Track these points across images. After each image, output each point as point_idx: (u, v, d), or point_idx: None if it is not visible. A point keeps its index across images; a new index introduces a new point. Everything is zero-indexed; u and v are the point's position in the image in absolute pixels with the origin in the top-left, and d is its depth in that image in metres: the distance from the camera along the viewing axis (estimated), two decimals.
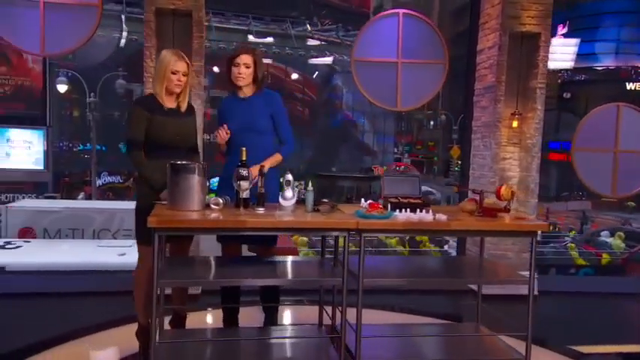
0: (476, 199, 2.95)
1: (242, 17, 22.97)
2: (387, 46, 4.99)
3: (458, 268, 3.19)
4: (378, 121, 23.30)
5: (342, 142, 22.34)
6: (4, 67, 20.73)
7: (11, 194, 19.37)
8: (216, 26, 21.34)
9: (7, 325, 3.71)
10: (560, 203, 24.72)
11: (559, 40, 11.57)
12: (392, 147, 23.91)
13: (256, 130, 3.10)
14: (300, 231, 2.63)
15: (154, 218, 2.36)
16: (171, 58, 2.91)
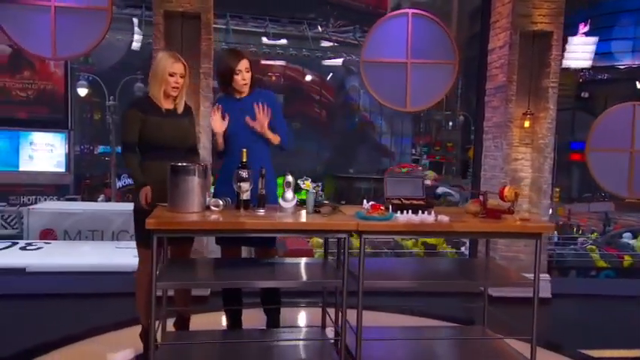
0: (480, 201, 2.91)
1: (260, 20, 23.04)
2: (396, 46, 4.96)
3: (463, 270, 3.14)
4: (396, 122, 23.20)
5: (360, 143, 22.30)
6: (28, 71, 21.12)
7: (34, 196, 19.73)
8: (234, 29, 21.44)
9: (26, 325, 3.80)
10: (582, 204, 24.32)
11: (577, 39, 11.35)
12: (410, 148, 23.77)
13: (253, 130, 3.09)
14: (300, 232, 2.63)
15: (152, 220, 2.37)
16: (168, 60, 2.92)
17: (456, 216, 2.86)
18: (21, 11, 4.41)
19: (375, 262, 3.21)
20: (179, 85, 2.96)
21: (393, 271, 3.01)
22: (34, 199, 19.23)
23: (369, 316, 2.60)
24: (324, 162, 20.99)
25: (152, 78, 2.95)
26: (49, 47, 4.47)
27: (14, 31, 4.42)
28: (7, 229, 14.90)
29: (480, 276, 2.99)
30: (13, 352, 3.23)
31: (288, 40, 20.72)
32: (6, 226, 15.04)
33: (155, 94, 2.94)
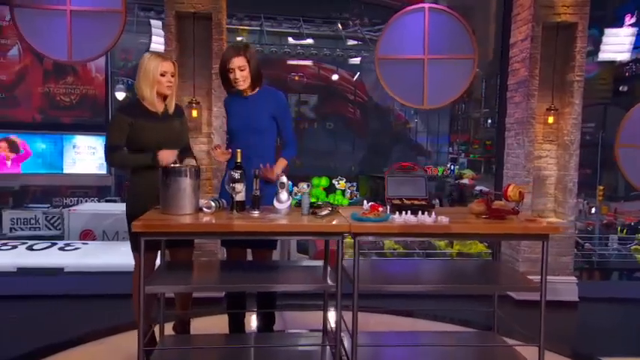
0: (485, 201, 2.77)
1: (294, 20, 23.09)
2: (412, 42, 4.83)
3: (469, 273, 3.00)
4: (432, 121, 22.82)
5: (395, 142, 22.03)
6: (71, 77, 21.78)
7: (77, 198, 20.32)
8: (268, 30, 21.55)
9: (61, 324, 3.90)
10: (629, 203, 23.34)
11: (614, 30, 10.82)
12: (446, 147, 23.34)
13: (256, 130, 3.04)
14: (290, 235, 2.55)
15: (138, 223, 2.35)
16: (156, 60, 2.90)
17: (459, 216, 2.73)
18: (38, 16, 4.50)
19: (380, 264, 3.10)
20: (172, 83, 2.93)
21: (395, 274, 2.90)
22: (76, 200, 19.80)
23: (373, 320, 2.51)
24: (358, 162, 20.83)
25: (142, 81, 2.90)
26: (64, 51, 4.54)
27: (32, 36, 4.52)
28: (51, 230, 15.39)
29: (485, 279, 2.84)
30: (42, 346, 3.38)
31: (315, 40, 20.65)
32: (50, 227, 15.53)
33: (147, 97, 2.91)
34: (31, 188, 20.18)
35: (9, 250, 8.20)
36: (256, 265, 2.95)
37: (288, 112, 3.18)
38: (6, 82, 19.79)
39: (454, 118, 26.84)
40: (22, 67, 18.68)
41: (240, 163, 2.77)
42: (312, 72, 20.47)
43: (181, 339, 2.97)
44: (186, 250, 3.07)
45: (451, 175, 22.42)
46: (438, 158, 23.81)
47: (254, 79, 3.05)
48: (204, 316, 3.58)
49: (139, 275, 2.74)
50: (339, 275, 2.51)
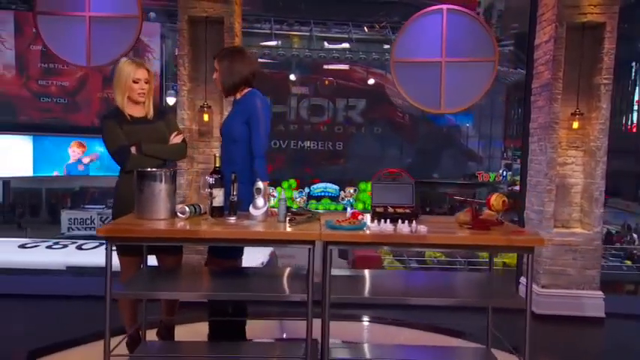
0: (472, 210, 2.62)
1: (344, 25, 23.08)
2: (429, 44, 4.67)
3: (458, 285, 2.85)
4: (485, 125, 22.22)
5: (445, 147, 21.59)
6: None
7: None
8: (317, 35, 21.64)
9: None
10: None
11: None
12: (499, 152, 22.67)
13: (231, 138, 2.98)
14: (257, 242, 2.49)
15: (103, 228, 2.35)
16: (130, 67, 2.91)
17: (442, 226, 2.60)
18: (58, 22, 4.64)
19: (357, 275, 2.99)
20: (145, 90, 2.94)
21: (378, 285, 2.79)
22: None
23: (358, 330, 2.40)
24: (406, 167, 20.54)
25: (116, 87, 2.93)
26: (83, 56, 4.67)
27: (53, 42, 4.67)
28: None
29: (469, 292, 2.68)
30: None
31: (364, 44, 20.53)
32: None
33: (119, 102, 2.93)
34: (89, 190, 21.06)
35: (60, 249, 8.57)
36: (232, 273, 2.89)
37: (259, 118, 2.92)
38: (68, 89, 20.75)
39: (508, 122, 26.12)
40: (83, 74, 19.54)
41: (218, 168, 2.74)
42: (360, 76, 20.38)
43: (158, 346, 2.96)
44: (173, 257, 3.05)
45: (503, 181, 21.78)
46: (490, 164, 23.21)
47: (224, 86, 3.00)
48: (194, 322, 3.55)
49: (124, 279, 2.77)
50: (310, 286, 2.43)
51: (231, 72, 2.96)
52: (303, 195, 18.58)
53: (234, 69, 2.96)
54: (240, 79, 3.00)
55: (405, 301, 2.58)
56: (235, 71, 2.97)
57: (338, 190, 19.02)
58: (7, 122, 18.74)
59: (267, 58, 19.30)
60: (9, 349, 3.45)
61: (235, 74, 2.97)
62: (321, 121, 19.82)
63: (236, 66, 2.97)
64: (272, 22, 19.97)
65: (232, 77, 2.97)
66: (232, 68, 2.96)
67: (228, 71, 2.96)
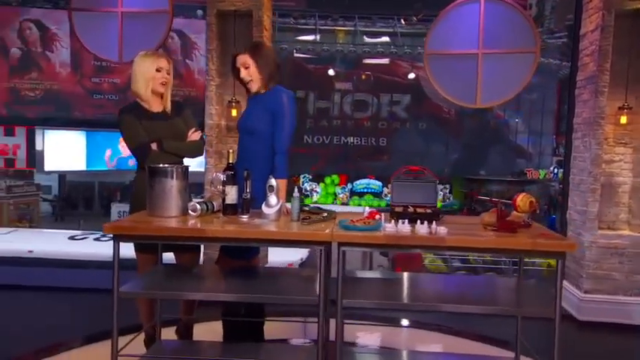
0: (497, 211, 2.44)
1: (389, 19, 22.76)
2: (465, 36, 4.46)
3: (485, 290, 2.66)
4: (535, 120, 21.41)
5: (492, 143, 20.93)
6: (176, 79, 23.12)
7: None
8: (361, 30, 21.41)
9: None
10: None
11: None
12: (550, 148, 21.83)
13: (250, 133, 2.90)
14: (267, 243, 2.39)
15: (109, 225, 2.30)
16: (151, 57, 2.86)
17: (464, 228, 2.43)
18: (92, 18, 4.69)
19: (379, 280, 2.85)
20: (167, 80, 2.88)
21: (395, 290, 2.64)
22: None
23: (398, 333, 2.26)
24: (452, 163, 20.08)
25: (137, 80, 2.88)
26: (115, 51, 4.70)
27: (86, 37, 4.72)
28: None
29: (494, 299, 2.50)
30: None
31: (398, 38, 20.19)
32: None
33: (142, 96, 2.88)
34: None
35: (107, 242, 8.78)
36: (243, 273, 2.79)
37: (285, 114, 2.84)
38: (119, 85, 21.31)
39: (560, 117, 25.10)
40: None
41: (231, 164, 2.66)
42: (404, 70, 20.02)
43: (172, 345, 2.91)
44: (190, 254, 3.00)
45: (554, 178, 20.95)
46: (540, 161, 22.35)
47: (262, 79, 2.89)
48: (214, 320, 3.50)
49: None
50: (322, 288, 2.32)
51: (267, 62, 2.88)
52: (346, 191, 18.44)
53: (269, 58, 2.90)
54: (275, 66, 2.93)
55: (424, 307, 2.42)
56: (270, 60, 2.91)
57: (381, 186, 18.75)
58: (62, 118, 19.43)
59: (311, 53, 19.24)
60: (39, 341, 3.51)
61: (271, 63, 2.90)
62: (364, 116, 19.58)
63: (269, 55, 2.92)
64: (316, 17, 19.87)
65: (269, 66, 2.89)
66: (267, 58, 2.89)
67: (265, 61, 2.88)
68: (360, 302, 2.33)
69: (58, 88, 19.13)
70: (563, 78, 21.53)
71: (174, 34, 14.57)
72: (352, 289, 2.43)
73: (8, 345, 3.49)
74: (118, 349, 2.36)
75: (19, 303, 4.51)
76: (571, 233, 4.49)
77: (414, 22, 19.94)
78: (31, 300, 4.57)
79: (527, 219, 2.32)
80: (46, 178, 20.77)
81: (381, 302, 2.36)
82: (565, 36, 20.71)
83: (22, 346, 3.48)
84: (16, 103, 18.19)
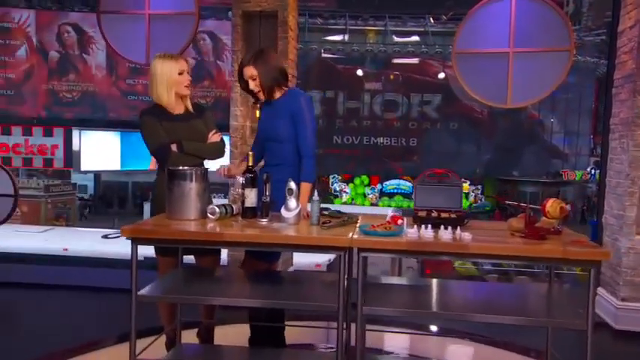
0: (526, 216, 2.33)
1: (420, 19, 22.53)
2: (495, 34, 4.33)
3: (513, 300, 2.56)
4: (571, 120, 20.86)
5: (526, 143, 20.46)
6: (207, 80, 23.39)
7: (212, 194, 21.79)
8: (391, 30, 21.23)
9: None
10: None
11: None
12: (587, 149, 21.23)
13: (275, 139, 2.86)
14: (285, 247, 2.34)
15: (127, 227, 2.29)
16: (170, 61, 2.84)
17: (491, 234, 2.34)
18: (120, 21, 4.73)
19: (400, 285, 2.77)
20: (189, 81, 2.87)
21: (418, 297, 2.56)
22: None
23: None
24: (484, 164, 19.71)
25: (159, 84, 2.86)
26: (143, 53, 4.73)
27: (114, 40, 4.77)
28: None
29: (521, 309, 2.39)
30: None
31: (429, 37, 19.94)
32: None
33: (165, 100, 2.86)
34: None
35: None
36: (264, 277, 2.75)
37: (305, 117, 2.83)
38: None
39: (599, 117, 24.40)
40: None
41: (251, 167, 2.62)
42: (435, 70, 19.76)
43: (191, 349, 2.89)
44: (210, 258, 2.98)
45: (591, 180, 20.36)
46: (577, 161, 21.77)
47: (267, 89, 2.85)
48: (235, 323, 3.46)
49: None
50: (341, 294, 2.26)
51: (270, 69, 2.83)
52: (376, 191, 18.31)
53: (271, 65, 2.85)
54: (279, 72, 2.88)
55: (449, 317, 2.34)
56: (273, 67, 2.85)
57: (411, 187, 18.56)
58: (98, 119, 19.88)
59: (341, 53, 19.17)
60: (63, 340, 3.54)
61: (273, 70, 2.85)
62: (394, 116, 19.41)
63: (271, 62, 2.87)
64: (347, 17, 19.78)
65: (272, 73, 2.84)
66: (270, 65, 2.84)
67: (267, 69, 2.83)
68: (381, 310, 2.26)
69: (94, 90, 19.57)
70: (602, 77, 20.95)
71: (205, 36, 14.71)
72: (375, 295, 2.37)
73: (35, 344, 3.53)
74: (136, 353, 2.35)
75: (52, 302, 4.57)
76: (607, 238, 4.32)
77: (444, 20, 19.68)
78: (64, 299, 4.63)
79: (557, 225, 2.21)
80: (81, 177, 21.29)
81: (404, 310, 2.29)
82: (603, 33, 20.14)
83: (51, 345, 3.50)
84: (55, 105, 18.67)
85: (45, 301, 4.57)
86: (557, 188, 20.37)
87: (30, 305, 4.50)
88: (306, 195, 2.72)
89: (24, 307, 4.49)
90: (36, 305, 4.48)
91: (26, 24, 18.27)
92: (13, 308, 4.49)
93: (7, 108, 17.73)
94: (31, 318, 4.19)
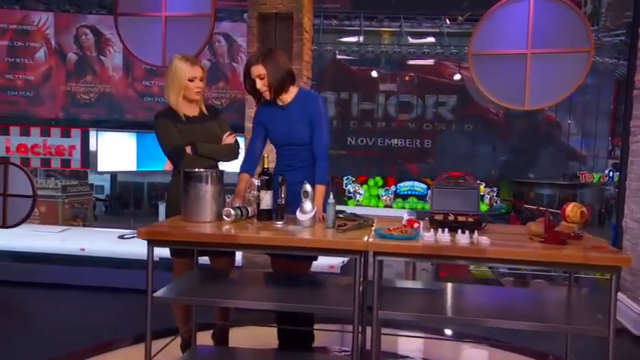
0: (546, 220, 2.29)
1: (435, 20, 22.43)
2: (513, 35, 4.28)
3: (531, 306, 2.52)
4: (589, 122, 20.63)
5: (543, 145, 20.27)
6: (222, 82, 23.50)
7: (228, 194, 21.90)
8: (406, 31, 21.16)
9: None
10: None
11: None
12: (605, 151, 20.97)
13: (295, 143, 2.84)
14: (300, 251, 2.32)
15: (144, 229, 2.29)
16: (185, 65, 2.84)
17: (509, 238, 2.30)
18: (136, 23, 4.76)
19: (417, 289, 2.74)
20: (200, 88, 2.86)
21: (432, 302, 2.53)
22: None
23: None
24: (500, 166, 19.55)
25: (170, 86, 2.86)
26: (159, 55, 4.75)
27: (131, 42, 4.79)
28: None
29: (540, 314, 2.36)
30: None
31: (444, 38, 19.85)
32: None
33: (172, 102, 2.86)
34: None
35: None
36: (285, 280, 2.75)
37: (322, 119, 2.80)
38: None
39: (617, 119, 24.05)
40: None
41: (266, 169, 2.61)
42: (451, 71, 19.65)
43: (206, 351, 2.89)
44: (225, 260, 2.98)
45: (610, 182, 20.10)
46: (595, 164, 21.50)
47: (274, 88, 2.80)
48: (250, 325, 3.46)
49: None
50: (357, 297, 2.24)
51: (278, 68, 2.79)
52: (389, 193, 18.24)
53: (280, 65, 2.81)
54: (288, 72, 2.83)
55: (466, 322, 2.31)
56: (281, 67, 2.81)
57: (426, 188, 18.46)
58: (115, 120, 20.08)
59: (355, 55, 19.15)
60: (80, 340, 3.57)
61: (282, 70, 2.81)
62: (408, 118, 19.34)
63: (280, 61, 2.82)
64: (361, 18, 19.75)
65: (281, 72, 2.80)
66: (278, 65, 2.80)
67: (276, 68, 2.79)
68: (397, 314, 2.24)
69: (111, 92, 19.77)
70: (621, 78, 20.66)
71: (220, 38, 14.79)
72: (390, 299, 2.35)
73: (48, 345, 3.56)
74: (151, 354, 2.35)
75: (70, 302, 4.60)
76: (627, 242, 4.24)
77: (459, 21, 19.56)
78: (81, 299, 4.67)
79: (578, 230, 2.17)
80: (98, 178, 21.52)
81: (420, 315, 2.26)
82: (623, 34, 19.88)
83: (66, 345, 3.52)
84: (72, 106, 18.89)
85: (62, 301, 4.61)
86: (574, 191, 20.14)
87: (47, 305, 4.54)
88: (321, 197, 2.71)
89: (42, 307, 4.53)
90: (54, 305, 4.52)
91: (45, 26, 18.53)
92: (31, 308, 4.53)
93: (26, 109, 17.99)
94: (49, 318, 4.22)
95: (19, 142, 16.17)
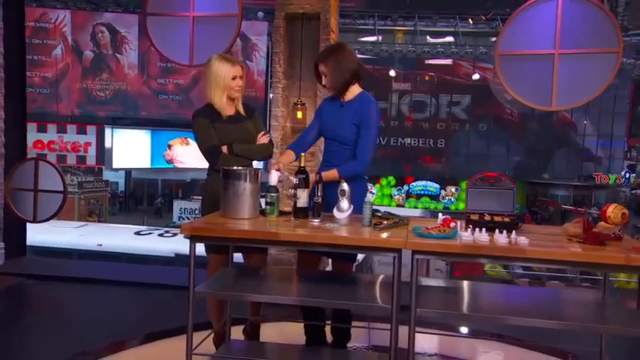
0: (584, 221, 2.31)
1: (450, 19, 22.36)
2: (540, 36, 4.28)
3: (568, 306, 2.53)
4: (605, 123, 20.50)
5: (558, 146, 20.18)
6: None
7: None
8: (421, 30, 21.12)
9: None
10: None
11: None
12: (621, 152, 20.85)
13: (339, 140, 2.87)
14: (339, 248, 2.34)
15: (187, 225, 2.34)
16: (227, 64, 2.88)
17: (546, 238, 2.32)
18: (165, 23, 4.80)
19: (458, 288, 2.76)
20: (241, 87, 2.90)
21: (469, 300, 2.55)
22: None
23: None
24: (513, 166, 19.50)
25: (213, 86, 2.90)
26: (187, 55, 4.80)
27: (159, 42, 4.84)
28: None
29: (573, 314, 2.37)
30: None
31: (459, 37, 19.77)
32: None
33: (217, 102, 2.91)
34: (200, 181, 22.26)
35: (170, 238, 9.14)
36: (321, 277, 2.79)
37: (370, 124, 2.82)
38: (183, 86, 21.92)
39: (634, 120, 23.85)
40: (196, 72, 20.62)
41: (303, 168, 2.65)
42: (466, 71, 19.60)
43: (241, 345, 2.93)
44: (259, 255, 3.02)
45: (625, 183, 19.96)
46: (610, 165, 21.36)
47: (334, 89, 2.86)
48: (280, 321, 3.50)
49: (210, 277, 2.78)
50: (395, 295, 2.27)
51: (339, 69, 2.81)
52: (402, 192, 18.24)
53: (342, 65, 2.82)
54: (350, 74, 2.85)
55: (501, 320, 2.33)
56: (343, 68, 2.82)
57: (439, 188, 18.44)
58: (130, 117, 20.24)
59: (370, 54, 19.14)
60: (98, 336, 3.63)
61: (344, 71, 2.83)
62: (422, 117, 19.32)
63: (342, 62, 2.82)
64: (376, 17, 19.74)
65: (343, 74, 2.82)
66: (339, 65, 2.82)
67: (337, 69, 2.81)
68: (435, 312, 2.26)
69: (127, 89, 19.94)
70: (638, 78, 20.50)
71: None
72: (425, 298, 2.37)
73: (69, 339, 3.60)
74: (192, 348, 2.40)
75: (86, 296, 4.66)
76: None
77: (481, 21, 19.47)
78: (98, 293, 4.72)
79: (618, 231, 2.18)
80: (113, 174, 21.71)
81: (458, 313, 2.28)
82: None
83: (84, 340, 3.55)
84: (88, 103, 19.08)
85: (82, 295, 4.66)
86: (589, 191, 20.03)
87: (71, 299, 4.59)
88: (330, 176, 2.73)
89: (65, 300, 4.58)
90: (76, 299, 4.58)
91: (62, 24, 18.71)
92: (55, 302, 4.59)
93: (43, 106, 18.18)
94: (72, 312, 4.28)
95: (36, 139, 16.36)
